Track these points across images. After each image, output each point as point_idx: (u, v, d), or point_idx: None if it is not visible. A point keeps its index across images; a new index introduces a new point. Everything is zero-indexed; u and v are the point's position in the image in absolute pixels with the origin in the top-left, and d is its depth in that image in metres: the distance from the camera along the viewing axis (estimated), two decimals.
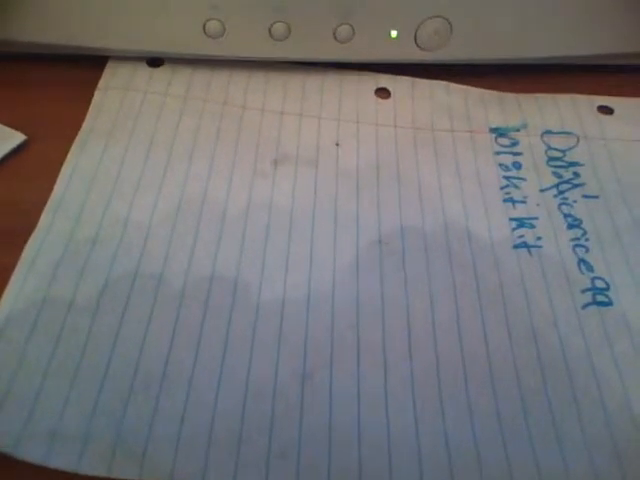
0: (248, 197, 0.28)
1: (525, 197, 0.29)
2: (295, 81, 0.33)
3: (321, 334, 0.23)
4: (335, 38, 0.30)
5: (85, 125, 0.29)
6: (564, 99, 0.34)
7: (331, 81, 0.33)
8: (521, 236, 0.27)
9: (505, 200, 0.29)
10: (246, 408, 0.21)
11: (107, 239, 0.25)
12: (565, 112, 0.33)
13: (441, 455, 0.21)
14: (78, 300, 0.23)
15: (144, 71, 0.32)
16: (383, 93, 0.33)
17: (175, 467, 0.20)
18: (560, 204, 0.29)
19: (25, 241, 0.25)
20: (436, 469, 0.21)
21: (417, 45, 0.31)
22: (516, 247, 0.27)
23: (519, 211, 0.28)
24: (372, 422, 0.21)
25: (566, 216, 0.28)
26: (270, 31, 0.30)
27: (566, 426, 0.22)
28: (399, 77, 0.34)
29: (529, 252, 0.27)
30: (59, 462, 0.20)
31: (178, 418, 0.21)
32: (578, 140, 0.32)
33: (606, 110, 0.33)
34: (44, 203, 0.26)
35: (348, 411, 0.22)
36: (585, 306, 0.25)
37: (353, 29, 0.30)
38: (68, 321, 0.23)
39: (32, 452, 0.20)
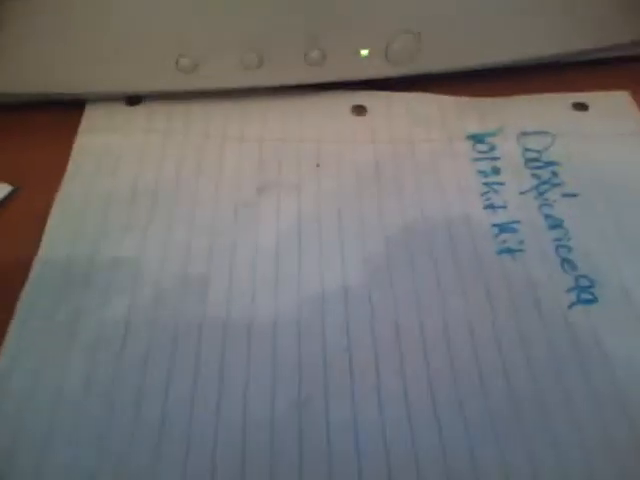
0: (234, 227, 0.28)
1: (505, 201, 0.29)
2: (273, 106, 0.33)
3: (314, 359, 0.24)
4: (307, 62, 0.31)
5: (68, 171, 0.30)
6: (538, 99, 0.34)
7: (308, 103, 0.34)
8: (504, 241, 0.28)
9: (486, 207, 0.29)
10: (246, 441, 0.22)
11: (98, 282, 0.26)
12: (540, 112, 0.33)
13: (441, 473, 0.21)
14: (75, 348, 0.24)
15: (123, 110, 0.33)
16: (360, 110, 0.34)
17: None
18: (541, 205, 0.29)
19: (16, 296, 0.26)
20: None
21: (388, 61, 0.32)
22: (500, 253, 0.27)
23: (500, 216, 0.29)
24: (371, 447, 0.22)
25: (547, 217, 0.29)
26: (242, 61, 0.30)
27: (560, 425, 0.22)
28: (374, 92, 0.34)
29: (513, 257, 0.27)
30: None
31: (182, 454, 0.22)
32: (554, 139, 0.32)
33: (581, 107, 0.34)
34: (33, 256, 0.27)
35: (345, 438, 0.22)
36: (571, 305, 0.26)
37: (324, 52, 0.30)
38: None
39: None
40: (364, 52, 0.31)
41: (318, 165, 0.31)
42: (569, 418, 0.23)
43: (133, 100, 0.33)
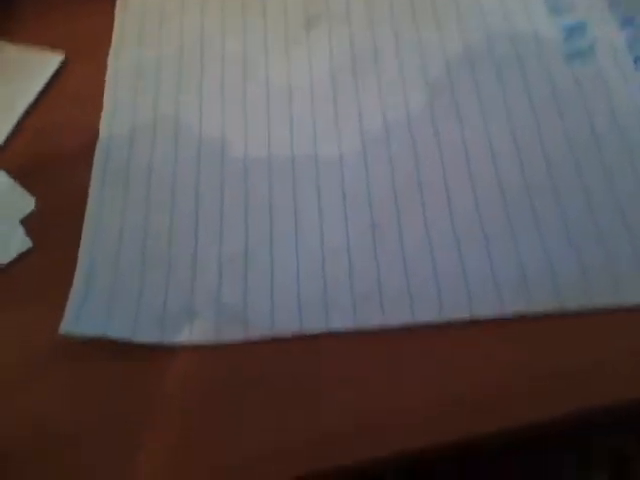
0: (287, 66, 0.28)
1: (573, 3, 0.28)
2: None
3: (383, 185, 0.24)
4: None
5: (115, 36, 0.29)
6: None
7: None
8: (573, 44, 0.26)
9: (552, 10, 0.27)
10: (325, 266, 0.23)
11: (163, 135, 0.26)
12: None
13: (517, 276, 0.22)
14: (153, 201, 0.25)
15: None
16: None
17: (274, 321, 0.22)
18: (610, 4, 0.27)
19: (89, 159, 0.26)
20: (514, 293, 0.22)
21: None
22: (569, 58, 0.26)
23: (569, 17, 0.27)
24: (446, 260, 0.22)
25: (617, 15, 0.27)
26: None
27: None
28: None
29: (583, 61, 0.26)
30: (173, 338, 0.22)
31: (267, 283, 0.22)
32: None
33: None
34: (98, 118, 0.27)
35: (422, 257, 0.23)
36: None
37: None
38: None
39: (148, 335, 0.22)
40: None
41: None
42: None
43: None
